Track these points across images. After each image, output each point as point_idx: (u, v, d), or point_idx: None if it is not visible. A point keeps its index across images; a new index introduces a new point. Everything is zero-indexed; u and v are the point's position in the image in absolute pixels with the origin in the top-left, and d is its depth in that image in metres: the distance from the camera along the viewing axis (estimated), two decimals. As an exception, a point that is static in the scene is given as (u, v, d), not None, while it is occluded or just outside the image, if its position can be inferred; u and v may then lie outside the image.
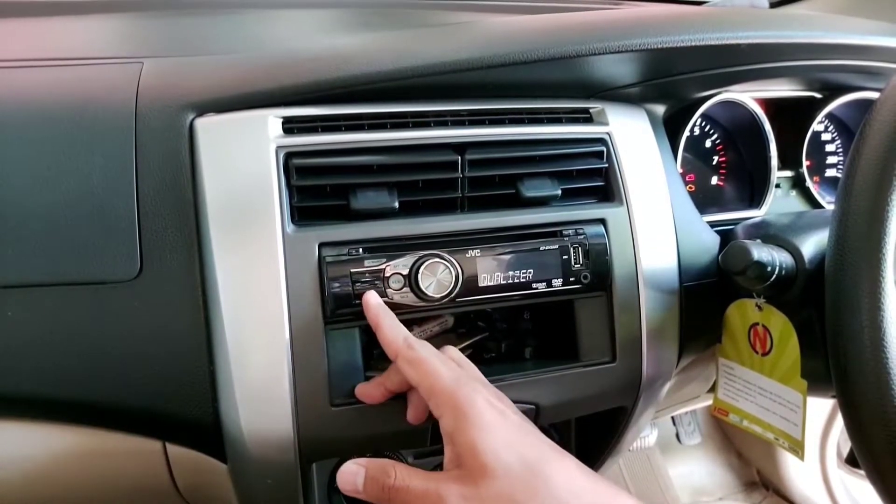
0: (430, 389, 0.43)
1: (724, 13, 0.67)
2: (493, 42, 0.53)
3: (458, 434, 0.41)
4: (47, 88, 0.52)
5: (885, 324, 0.44)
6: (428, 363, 0.44)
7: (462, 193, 0.53)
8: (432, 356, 0.45)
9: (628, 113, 0.60)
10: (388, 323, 0.47)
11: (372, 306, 0.48)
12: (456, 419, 0.42)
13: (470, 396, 0.42)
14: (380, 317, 0.47)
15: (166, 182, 0.48)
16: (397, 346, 0.46)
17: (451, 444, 0.42)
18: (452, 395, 0.42)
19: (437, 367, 0.44)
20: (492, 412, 0.42)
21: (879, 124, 0.47)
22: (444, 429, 0.42)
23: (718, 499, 1.32)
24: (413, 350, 0.45)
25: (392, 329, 0.47)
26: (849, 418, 0.47)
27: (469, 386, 0.43)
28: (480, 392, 0.43)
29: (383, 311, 0.48)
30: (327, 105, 0.52)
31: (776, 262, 0.54)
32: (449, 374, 0.44)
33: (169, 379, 0.49)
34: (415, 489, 0.41)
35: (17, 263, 0.47)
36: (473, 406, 0.42)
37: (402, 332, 0.47)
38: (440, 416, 0.43)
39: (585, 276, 0.54)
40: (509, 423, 0.43)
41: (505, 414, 0.43)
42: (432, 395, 0.43)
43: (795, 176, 0.73)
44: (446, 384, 0.43)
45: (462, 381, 0.44)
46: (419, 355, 0.45)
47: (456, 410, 0.42)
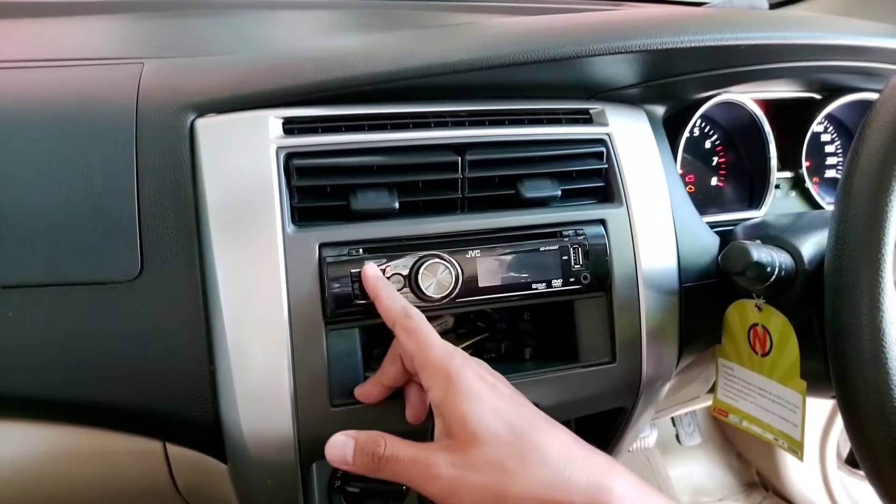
0: (423, 360, 0.44)
1: (723, 14, 0.67)
2: (493, 43, 0.53)
3: (446, 404, 0.41)
4: (48, 89, 0.52)
5: (884, 324, 0.44)
6: (423, 333, 0.45)
7: (462, 194, 0.53)
8: (428, 328, 0.45)
9: (628, 114, 0.60)
10: (387, 293, 0.47)
11: (370, 277, 0.48)
12: (445, 390, 0.42)
13: (460, 368, 0.42)
14: (378, 287, 0.48)
15: (167, 182, 0.48)
16: (395, 315, 0.46)
17: (441, 415, 0.42)
18: (443, 365, 0.43)
19: (431, 338, 0.44)
20: (480, 383, 0.42)
21: (878, 125, 0.47)
22: (433, 399, 0.43)
23: (718, 500, 1.32)
24: (410, 319, 0.45)
25: (390, 299, 0.47)
26: (848, 419, 0.47)
27: (460, 359, 0.43)
28: (471, 365, 0.43)
29: (382, 281, 0.48)
30: (327, 106, 0.52)
31: (776, 262, 0.54)
32: (442, 345, 0.44)
33: (169, 379, 0.49)
34: (404, 458, 0.41)
35: (17, 263, 0.47)
36: (462, 377, 0.42)
37: (400, 302, 0.47)
38: (429, 387, 0.43)
39: (585, 277, 0.54)
40: (499, 393, 0.43)
41: (496, 387, 0.43)
42: (424, 366, 0.43)
43: (795, 177, 0.73)
44: (438, 354, 0.43)
45: (454, 354, 0.44)
46: (416, 325, 0.45)
47: (445, 381, 0.42)
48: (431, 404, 0.43)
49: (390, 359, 0.48)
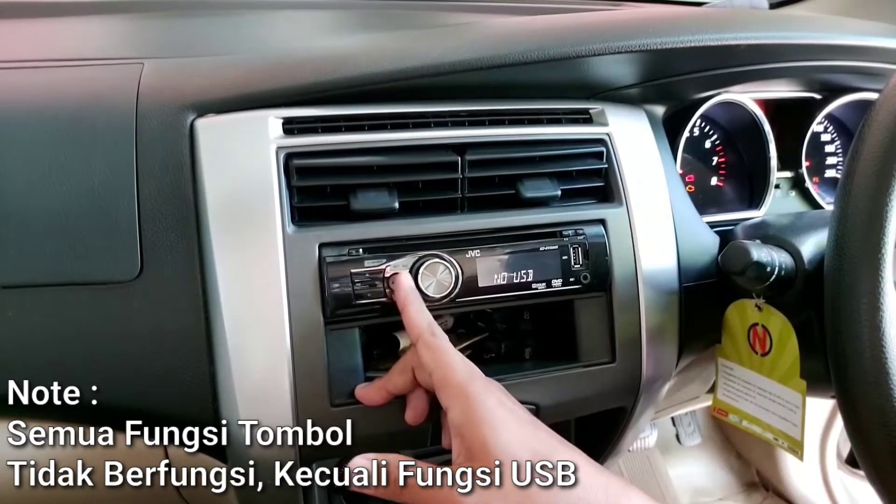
0: (442, 379, 0.44)
1: (723, 14, 0.67)
2: (493, 43, 0.53)
3: (467, 428, 0.42)
4: (48, 89, 0.52)
5: (884, 324, 0.44)
6: (446, 353, 0.45)
7: (462, 194, 0.53)
8: (450, 347, 0.46)
9: (628, 114, 0.60)
10: (416, 308, 0.47)
11: (403, 288, 0.48)
12: (466, 413, 0.42)
13: (481, 392, 0.43)
14: (409, 299, 0.48)
15: (167, 182, 0.48)
16: (420, 330, 0.46)
17: (461, 439, 0.42)
18: (464, 388, 0.43)
19: (453, 358, 0.45)
20: (502, 410, 0.42)
21: (878, 125, 0.47)
22: (453, 421, 0.43)
23: (718, 499, 1.32)
24: (435, 337, 0.46)
25: (418, 313, 0.47)
26: (848, 419, 0.47)
27: (482, 383, 0.44)
28: (492, 390, 0.44)
29: (413, 294, 0.48)
30: (328, 106, 0.52)
31: (776, 262, 0.54)
32: (464, 367, 0.44)
33: (169, 379, 0.49)
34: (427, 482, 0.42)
35: (17, 263, 0.47)
36: (484, 402, 0.42)
37: (427, 318, 0.47)
38: (449, 407, 0.43)
39: (585, 277, 0.54)
40: (520, 420, 0.43)
41: (515, 412, 0.43)
42: (444, 386, 0.44)
43: (795, 176, 0.73)
44: (460, 377, 0.43)
45: (475, 377, 0.44)
46: (439, 344, 0.45)
47: (466, 404, 0.42)
48: (450, 425, 0.43)
49: (400, 369, 0.48)
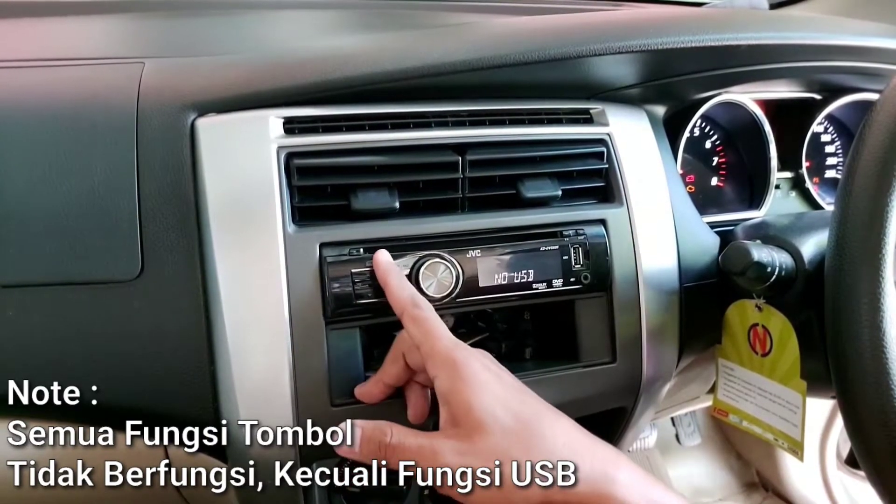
0: (430, 349, 0.44)
1: (723, 14, 0.67)
2: (494, 43, 0.53)
3: (452, 394, 0.42)
4: (49, 88, 0.52)
5: (884, 324, 0.44)
6: (431, 322, 0.45)
7: (462, 194, 0.53)
8: (436, 318, 0.46)
9: (628, 114, 0.60)
10: (396, 282, 0.47)
11: (382, 263, 0.48)
12: (451, 379, 0.42)
13: (466, 357, 0.43)
14: (389, 274, 0.48)
15: (167, 182, 0.48)
16: (404, 304, 0.46)
17: (446, 405, 0.42)
18: (449, 354, 0.43)
19: (438, 327, 0.45)
20: (486, 373, 0.43)
21: (879, 125, 0.47)
22: (439, 389, 0.43)
23: (718, 500, 1.32)
24: (419, 308, 0.46)
25: (400, 288, 0.47)
26: (848, 419, 0.47)
27: (466, 349, 0.44)
28: (476, 356, 0.44)
29: (393, 269, 0.48)
30: (328, 105, 0.52)
31: (776, 262, 0.54)
32: (448, 336, 0.45)
33: (169, 378, 0.49)
34: (410, 446, 0.42)
35: (18, 263, 0.47)
36: (468, 366, 0.42)
37: (409, 291, 0.47)
38: (435, 376, 0.43)
39: (586, 277, 0.54)
40: (504, 383, 0.43)
41: (501, 377, 0.44)
42: (431, 355, 0.44)
43: (795, 177, 0.73)
44: (445, 344, 0.44)
45: (459, 344, 0.44)
46: (424, 314, 0.45)
47: (451, 370, 0.42)
48: (437, 393, 0.43)
49: (392, 357, 0.48)
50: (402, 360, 0.48)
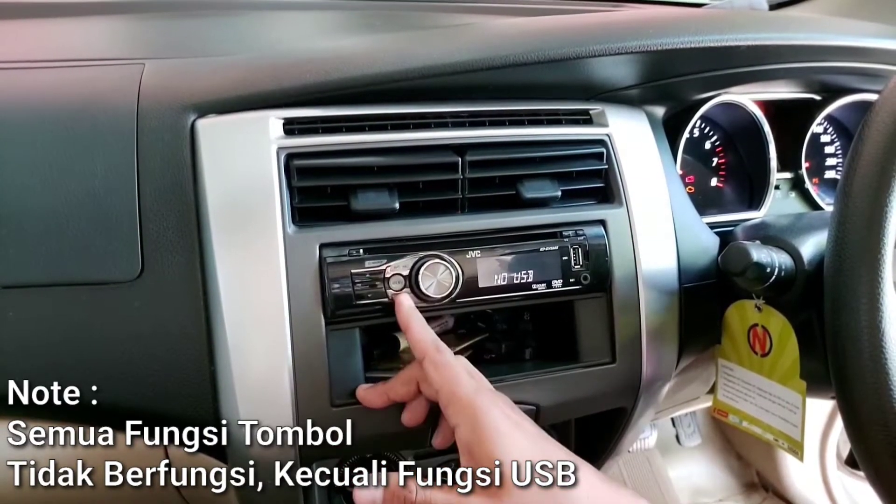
0: (450, 395, 0.44)
1: (723, 15, 0.67)
2: (494, 44, 0.53)
3: (475, 445, 0.42)
4: (49, 89, 0.52)
5: (884, 325, 0.44)
6: (452, 369, 0.45)
7: (462, 194, 0.53)
8: (457, 364, 0.46)
9: (628, 115, 0.60)
10: (419, 326, 0.48)
11: (404, 308, 0.49)
12: (474, 430, 0.42)
13: (487, 407, 0.43)
14: (411, 319, 0.48)
15: (167, 183, 0.48)
16: (426, 348, 0.46)
17: (469, 455, 0.42)
18: (470, 403, 0.43)
19: (460, 374, 0.45)
20: (508, 423, 0.43)
21: (878, 126, 0.47)
22: (461, 438, 0.43)
23: (718, 500, 1.32)
24: (441, 354, 0.46)
25: (422, 332, 0.48)
26: (848, 419, 0.47)
27: (487, 397, 0.44)
28: (498, 404, 0.44)
29: (415, 313, 0.49)
30: (328, 106, 0.52)
31: (775, 263, 0.54)
32: (469, 382, 0.45)
33: (169, 379, 0.49)
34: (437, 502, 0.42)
35: (18, 264, 0.47)
36: (489, 415, 0.42)
37: (431, 336, 0.48)
38: (456, 424, 0.43)
39: (585, 277, 0.54)
40: (527, 434, 0.43)
41: (521, 425, 0.44)
42: (451, 402, 0.44)
43: (795, 177, 0.73)
44: (466, 392, 0.44)
45: (481, 390, 0.44)
46: (446, 360, 0.46)
47: (473, 420, 0.42)
48: (458, 442, 0.43)
49: (404, 380, 0.48)
50: (415, 385, 0.48)
